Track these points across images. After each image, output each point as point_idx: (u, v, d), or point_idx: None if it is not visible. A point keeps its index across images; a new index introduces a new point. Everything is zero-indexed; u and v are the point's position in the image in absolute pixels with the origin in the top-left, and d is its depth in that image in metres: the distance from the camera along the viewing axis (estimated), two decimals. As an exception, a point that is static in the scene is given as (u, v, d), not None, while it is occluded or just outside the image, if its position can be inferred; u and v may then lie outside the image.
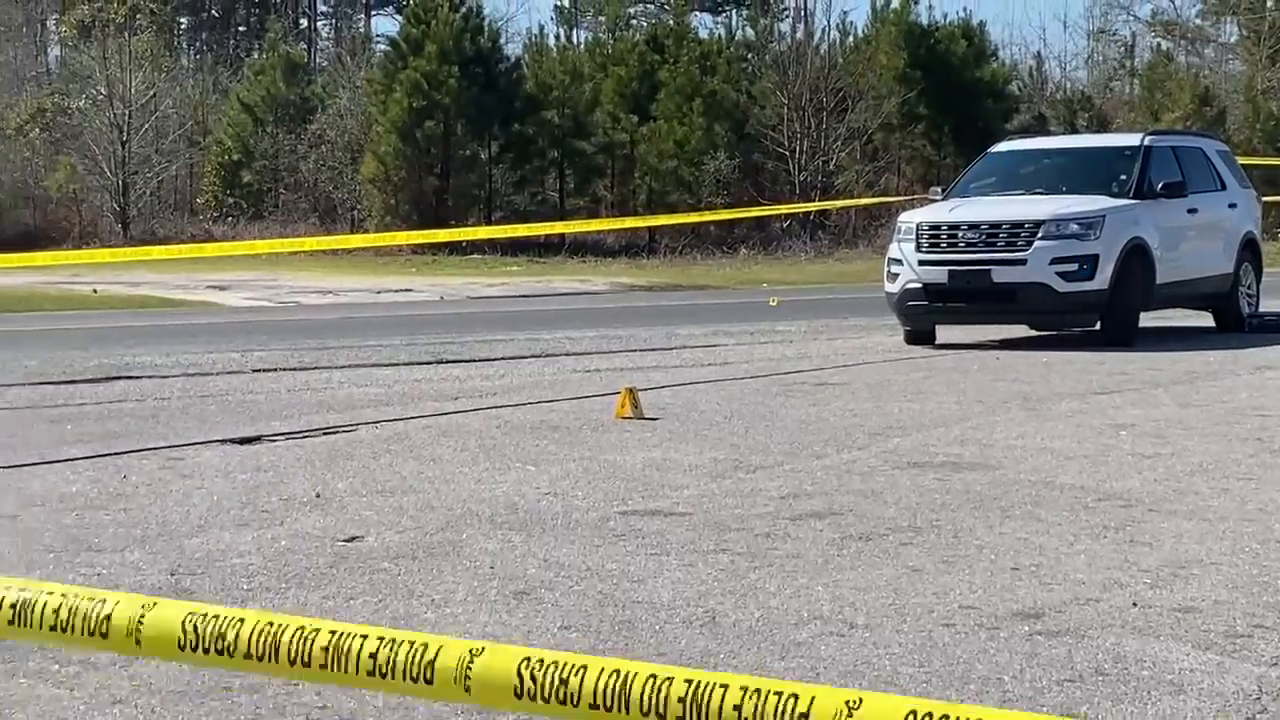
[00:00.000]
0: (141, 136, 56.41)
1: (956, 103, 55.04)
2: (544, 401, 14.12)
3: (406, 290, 33.95)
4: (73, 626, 2.52)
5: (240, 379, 16.26)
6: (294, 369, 17.24)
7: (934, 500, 9.24)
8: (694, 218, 38.98)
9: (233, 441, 11.70)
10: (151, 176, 57.32)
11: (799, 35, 59.70)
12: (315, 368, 17.38)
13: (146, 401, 14.33)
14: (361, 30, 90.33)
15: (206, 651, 2.49)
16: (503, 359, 18.46)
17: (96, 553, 8.08)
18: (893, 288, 19.48)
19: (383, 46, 67.76)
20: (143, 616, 2.50)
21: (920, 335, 19.60)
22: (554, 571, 7.64)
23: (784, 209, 40.48)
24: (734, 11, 77.78)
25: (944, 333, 19.68)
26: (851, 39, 59.55)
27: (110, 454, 11.18)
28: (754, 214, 40.39)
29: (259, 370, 17.05)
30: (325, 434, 12.12)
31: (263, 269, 39.31)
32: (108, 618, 2.52)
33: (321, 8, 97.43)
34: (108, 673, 6.00)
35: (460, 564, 7.82)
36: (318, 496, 9.51)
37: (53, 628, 2.53)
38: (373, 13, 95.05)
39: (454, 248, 46.44)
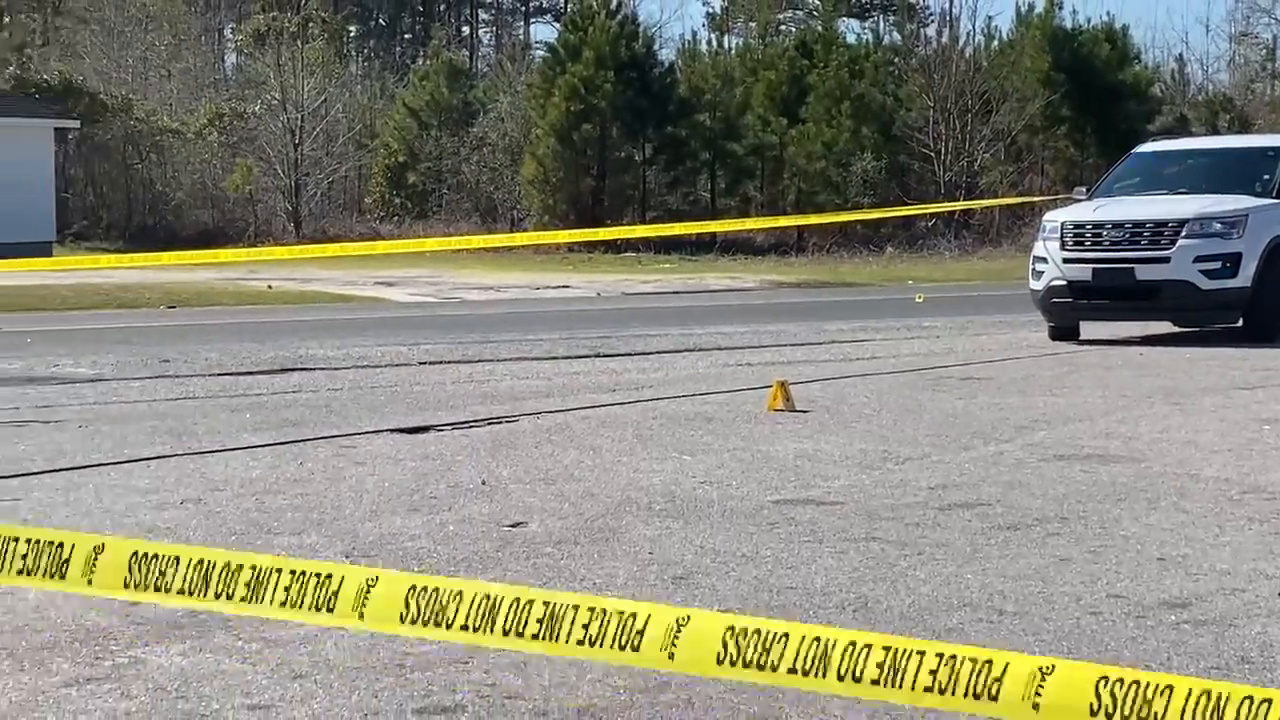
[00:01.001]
0: (313, 140, 57.07)
1: (1099, 105, 54.37)
2: (698, 394, 14.13)
3: (564, 287, 34.10)
4: (302, 601, 2.57)
5: (408, 371, 16.41)
6: (458, 362, 17.37)
7: (1080, 492, 9.15)
8: (842, 217, 38.82)
9: (402, 431, 11.81)
10: (322, 178, 57.97)
11: (944, 40, 59.24)
12: (478, 361, 17.50)
13: (320, 392, 14.50)
14: (521, 37, 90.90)
15: (425, 624, 2.52)
16: (658, 353, 18.49)
17: (275, 535, 8.20)
18: (1037, 285, 19.30)
19: (541, 53, 68.07)
20: (369, 590, 2.54)
21: (1064, 331, 19.40)
22: (710, 557, 7.66)
23: (929, 208, 40.20)
24: (881, 17, 77.38)
25: (1088, 329, 19.46)
26: (996, 43, 58.97)
27: (287, 442, 11.33)
28: (900, 213, 40.18)
29: (425, 363, 17.20)
30: (489, 424, 12.21)
31: (427, 266, 39.64)
32: (335, 593, 2.57)
33: (483, 16, 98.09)
34: (288, 649, 6.09)
35: (620, 549, 7.85)
36: (483, 484, 9.59)
37: (283, 603, 2.58)
38: (532, 20, 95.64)
39: (609, 246, 46.57)
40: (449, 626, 2.55)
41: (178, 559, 2.83)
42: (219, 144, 57.75)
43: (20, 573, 2.90)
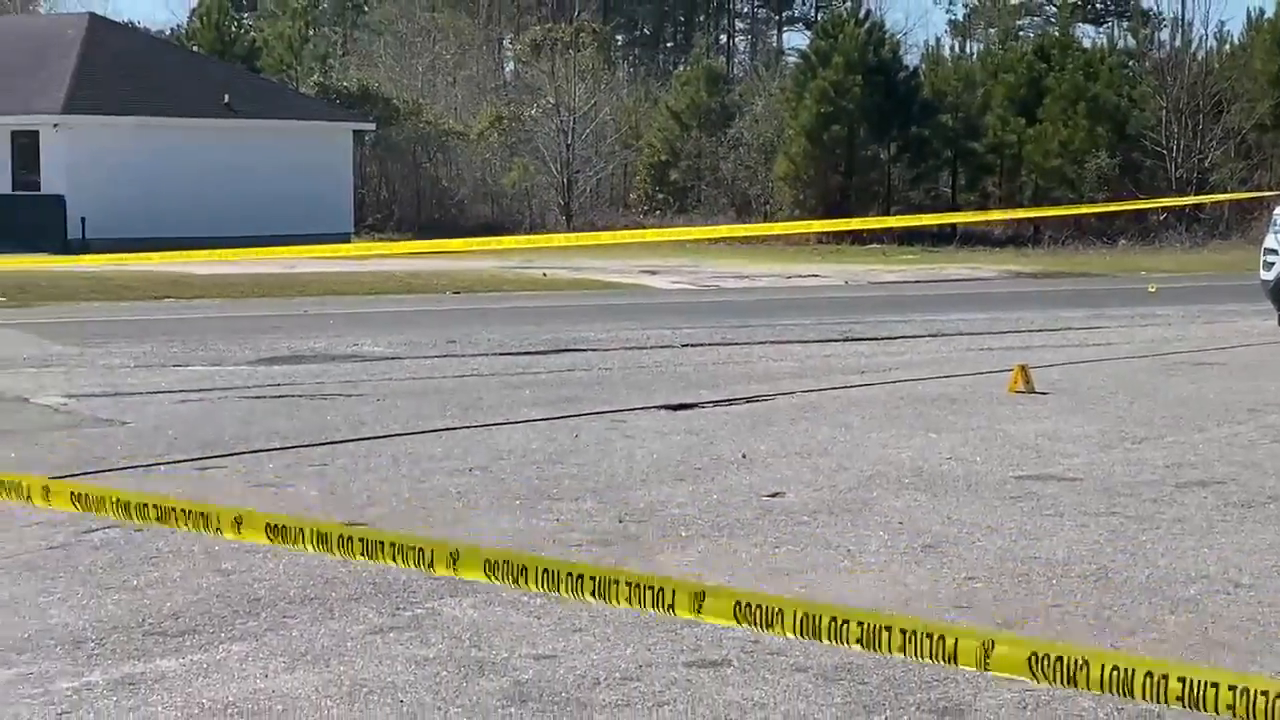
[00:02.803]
0: (583, 140, 57.60)
1: (1329, 104, 52.52)
2: (942, 376, 13.98)
3: (813, 276, 33.93)
4: (643, 601, 2.66)
5: (671, 352, 16.47)
6: (717, 344, 17.39)
7: (1312, 473, 8.87)
8: (1077, 210, 38.06)
9: (668, 407, 11.88)
10: (591, 175, 58.49)
11: (1177, 43, 57.74)
12: (736, 343, 17.51)
13: (592, 371, 14.64)
14: (775, 44, 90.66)
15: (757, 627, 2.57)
16: (903, 338, 18.32)
17: (555, 500, 8.30)
18: (1268, 275, 18.72)
19: (794, 59, 67.84)
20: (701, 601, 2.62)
21: (1294, 320, 18.81)
22: (957, 528, 7.58)
23: (1161, 203, 39.19)
24: (1115, 22, 75.66)
25: (1317, 318, 18.84)
26: (1227, 46, 57.31)
27: (563, 416, 11.46)
28: (1133, 207, 39.20)
29: (687, 345, 17.25)
30: (748, 402, 12.22)
31: (686, 256, 39.76)
32: (671, 606, 2.65)
33: (739, 25, 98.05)
34: (569, 605, 6.16)
35: (872, 519, 7.81)
36: (743, 457, 9.60)
37: (628, 599, 2.67)
38: (785, 29, 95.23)
39: (855, 238, 46.30)
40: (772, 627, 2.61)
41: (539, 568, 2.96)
42: (498, 144, 58.58)
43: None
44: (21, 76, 42.55)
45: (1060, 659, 2.58)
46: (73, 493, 3.34)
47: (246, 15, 72.11)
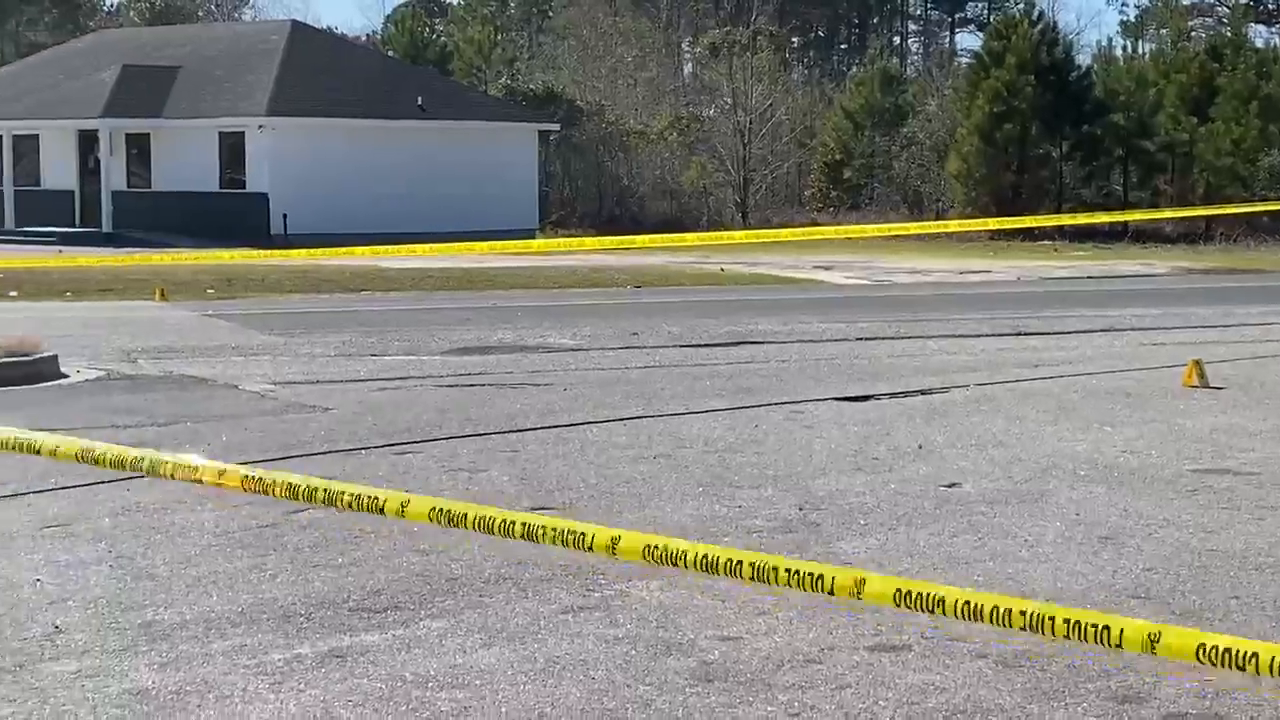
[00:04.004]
0: (759, 139, 57.49)
1: None
2: (1115, 370, 13.73)
3: (985, 272, 33.50)
4: (802, 583, 2.67)
5: (846, 346, 16.36)
6: (891, 338, 17.25)
7: None
8: (1252, 208, 37.13)
9: (844, 399, 11.81)
10: (767, 174, 58.34)
11: (1352, 41, 56.07)
12: (909, 337, 17.34)
13: (769, 363, 14.59)
14: (947, 46, 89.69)
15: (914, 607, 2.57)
16: (1075, 332, 18.03)
17: (736, 488, 8.30)
18: None
19: (966, 59, 67.06)
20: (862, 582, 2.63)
21: None
22: (1133, 520, 7.44)
23: (1336, 200, 38.08)
24: (1289, 21, 73.63)
25: None
26: (1404, 43, 55.56)
27: (742, 407, 11.45)
28: (1307, 205, 38.14)
29: (862, 339, 17.13)
30: (923, 394, 12.11)
31: (860, 253, 39.48)
32: (832, 579, 2.65)
33: (912, 27, 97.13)
34: (754, 589, 6.14)
35: (1048, 510, 7.70)
36: (919, 448, 9.52)
37: (789, 583, 2.68)
38: (957, 30, 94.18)
39: (1027, 234, 45.60)
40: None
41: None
42: (677, 144, 58.63)
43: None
44: (229, 81, 43.50)
45: (1229, 650, 2.53)
46: (244, 475, 3.42)
47: (438, 21, 73.02)
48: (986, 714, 4.84)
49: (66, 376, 13.16)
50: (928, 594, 2.57)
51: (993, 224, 28.94)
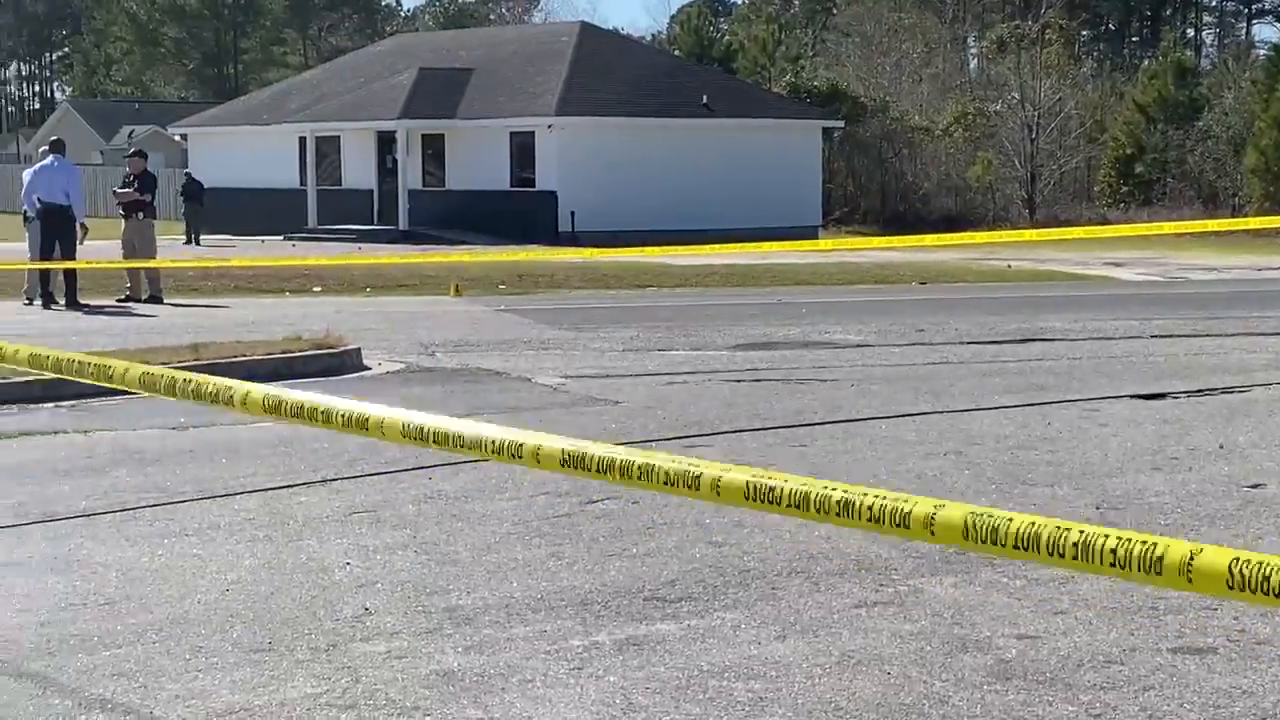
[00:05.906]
0: (1047, 134, 56.41)
1: None
2: None
3: (1285, 268, 32.34)
4: (1129, 564, 2.61)
5: (1139, 343, 15.93)
6: (1187, 336, 16.74)
7: None
8: None
9: (1140, 396, 11.51)
10: (1055, 169, 57.21)
11: None
12: (1206, 335, 16.81)
13: (1060, 360, 14.29)
14: (1244, 37, 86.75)
15: (1249, 590, 2.52)
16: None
17: (1030, 486, 8.16)
18: None
19: (1264, 51, 64.77)
20: (1192, 558, 2.58)
21: None
22: None
23: None
24: None
25: None
26: None
27: (1034, 404, 11.24)
28: None
29: (1156, 336, 16.66)
30: (1223, 393, 11.73)
31: (1151, 249, 38.42)
32: (1160, 558, 2.60)
33: (1207, 18, 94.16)
34: (1049, 588, 6.05)
35: (1359, 514, 7.39)
36: (1220, 447, 9.23)
37: (1111, 564, 2.62)
38: (1254, 21, 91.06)
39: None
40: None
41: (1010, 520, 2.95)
42: (963, 140, 57.88)
43: (869, 520, 3.05)
44: (519, 81, 44.36)
45: None
46: (564, 453, 3.47)
47: (722, 20, 73.34)
48: (1298, 722, 4.67)
49: (369, 369, 13.60)
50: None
51: (1292, 220, 27.87)
